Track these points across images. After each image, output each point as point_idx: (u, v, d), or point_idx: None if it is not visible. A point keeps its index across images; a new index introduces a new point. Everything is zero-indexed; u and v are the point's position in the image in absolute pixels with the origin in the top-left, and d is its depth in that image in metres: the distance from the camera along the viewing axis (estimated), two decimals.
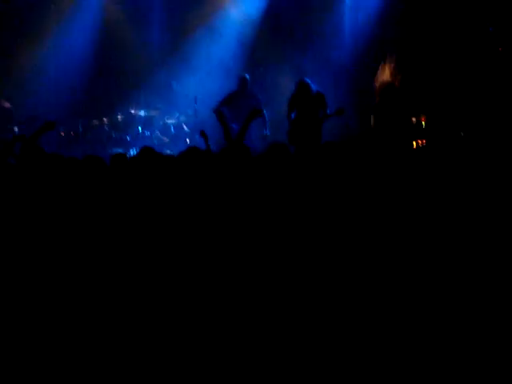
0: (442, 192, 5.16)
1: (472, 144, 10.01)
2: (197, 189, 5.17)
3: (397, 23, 12.67)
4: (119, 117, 12.63)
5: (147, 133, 12.30)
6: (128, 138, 12.14)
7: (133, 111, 12.54)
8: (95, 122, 12.56)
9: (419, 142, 10.36)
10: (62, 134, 12.68)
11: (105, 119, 12.59)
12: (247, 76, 11.11)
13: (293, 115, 10.32)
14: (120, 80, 13.57)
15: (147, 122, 12.53)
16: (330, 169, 5.60)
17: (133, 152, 11.49)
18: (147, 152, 5.87)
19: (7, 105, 11.05)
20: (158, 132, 12.49)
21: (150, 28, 13.74)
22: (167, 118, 12.66)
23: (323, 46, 13.01)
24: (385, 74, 10.32)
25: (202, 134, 8.20)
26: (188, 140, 12.17)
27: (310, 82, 10.14)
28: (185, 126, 12.50)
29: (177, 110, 12.65)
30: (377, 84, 10.35)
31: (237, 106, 10.81)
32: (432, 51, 12.29)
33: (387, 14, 12.83)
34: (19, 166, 5.73)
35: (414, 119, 10.55)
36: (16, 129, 10.91)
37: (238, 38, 13.51)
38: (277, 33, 13.48)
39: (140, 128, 12.31)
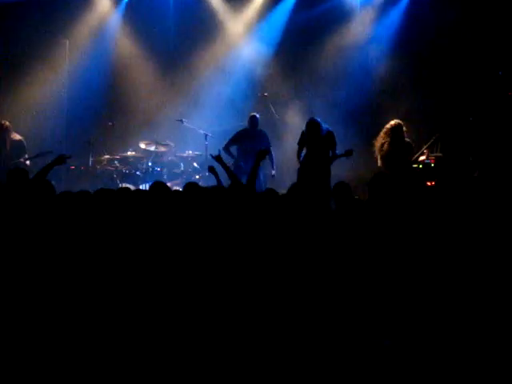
0: (451, 229, 5.20)
1: (482, 185, 10.05)
2: (201, 221, 5.25)
3: (411, 61, 12.82)
4: (130, 152, 12.70)
5: (157, 168, 12.34)
6: (138, 173, 12.18)
7: (143, 147, 12.61)
8: (106, 156, 12.63)
9: (428, 183, 10.40)
10: (72, 167, 12.75)
11: (115, 154, 12.66)
12: (257, 115, 11.19)
13: (302, 154, 10.34)
14: (131, 116, 13.71)
15: (157, 158, 12.59)
16: (342, 209, 5.65)
17: (143, 187, 11.53)
18: (158, 187, 5.94)
19: (19, 137, 11.12)
20: (167, 168, 12.54)
21: (162, 65, 13.91)
22: (177, 154, 12.74)
23: (333, 86, 13.12)
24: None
25: (211, 170, 8.30)
26: (198, 176, 12.22)
27: (320, 121, 10.14)
28: (195, 163, 12.56)
29: (187, 147, 12.72)
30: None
31: (246, 144, 10.91)
32: (443, 94, 12.40)
33: (398, 58, 12.97)
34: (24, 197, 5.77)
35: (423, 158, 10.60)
36: (28, 163, 10.96)
37: (248, 77, 13.67)
38: (287, 71, 13.63)
39: (150, 163, 12.36)
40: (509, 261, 4.80)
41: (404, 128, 10.34)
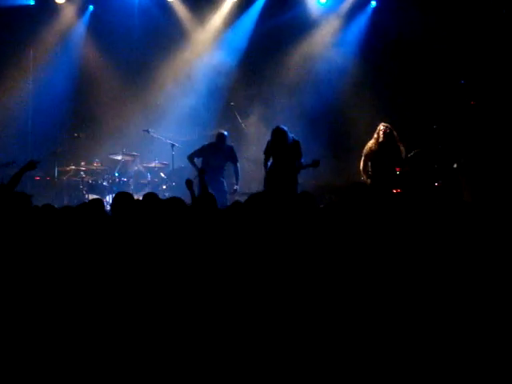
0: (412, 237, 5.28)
1: (445, 193, 10.18)
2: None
3: (375, 69, 12.94)
4: (96, 163, 12.62)
5: (123, 179, 12.27)
6: (105, 183, 12.09)
7: (109, 157, 12.54)
8: (72, 167, 12.53)
9: (394, 191, 10.49)
10: (37, 178, 12.63)
11: (81, 164, 12.57)
12: (225, 133, 11.09)
13: (269, 163, 10.29)
14: (97, 126, 13.64)
15: (124, 168, 12.53)
16: (307, 220, 5.68)
17: (109, 198, 11.44)
18: (150, 197, 5.94)
19: None
20: (133, 178, 12.50)
21: (128, 74, 13.84)
22: (144, 164, 12.70)
23: (299, 94, 13.21)
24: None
25: (188, 183, 8.28)
26: (164, 186, 12.18)
27: (286, 129, 10.10)
28: (161, 173, 12.53)
29: (153, 157, 12.66)
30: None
31: (211, 159, 10.84)
32: (407, 102, 12.54)
33: (363, 66, 13.10)
34: None
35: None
36: None
37: (214, 86, 13.68)
38: (253, 80, 13.68)
39: (117, 173, 12.29)
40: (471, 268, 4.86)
41: (395, 132, 10.29)
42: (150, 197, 5.98)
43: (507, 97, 11.51)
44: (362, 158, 10.34)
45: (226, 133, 11.11)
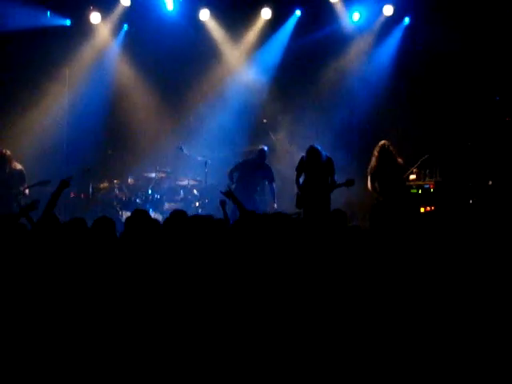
0: (449, 254, 5.23)
1: (480, 211, 10.07)
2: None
3: (408, 86, 12.91)
4: (130, 179, 12.73)
5: (157, 195, 12.35)
6: (138, 200, 12.18)
7: (143, 174, 12.65)
8: (105, 184, 12.64)
9: (427, 208, 10.41)
10: (72, 194, 12.76)
11: (115, 181, 12.68)
12: (265, 148, 11.27)
13: (301, 180, 10.32)
14: (131, 143, 13.76)
15: (157, 185, 12.62)
16: (337, 236, 5.66)
17: None
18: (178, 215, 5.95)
19: (19, 167, 11.06)
20: (167, 195, 12.56)
21: (161, 93, 13.95)
22: (177, 182, 12.77)
23: (331, 111, 13.21)
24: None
25: (222, 204, 8.28)
26: (197, 203, 12.23)
27: (320, 148, 10.16)
28: (195, 190, 12.59)
29: (187, 174, 12.74)
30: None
31: (248, 173, 10.94)
32: (441, 118, 12.46)
33: (395, 82, 13.07)
34: (35, 233, 5.77)
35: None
36: (27, 191, 10.87)
37: (247, 103, 13.76)
38: (286, 97, 13.70)
39: (150, 190, 12.37)
40: (504, 286, 4.82)
41: (391, 148, 10.32)
42: (179, 215, 5.96)
43: None
44: (369, 178, 10.37)
45: (266, 148, 11.20)
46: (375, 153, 10.37)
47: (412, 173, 10.85)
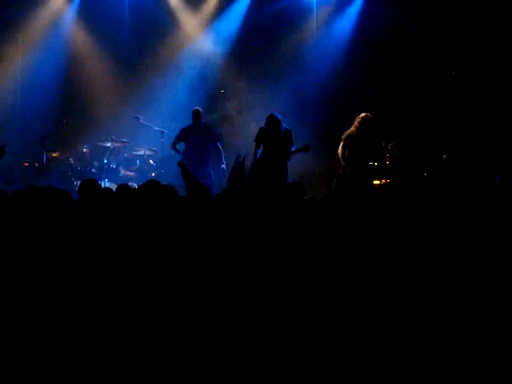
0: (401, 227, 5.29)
1: (435, 184, 10.21)
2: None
3: (366, 58, 12.98)
4: (85, 148, 12.57)
5: (112, 165, 12.22)
6: (93, 170, 12.04)
7: (99, 143, 12.49)
8: (60, 153, 12.47)
9: (382, 181, 10.50)
10: (26, 164, 12.56)
11: (70, 151, 12.52)
12: (200, 109, 11.02)
13: (259, 151, 10.24)
14: (86, 112, 13.55)
15: (112, 155, 12.47)
16: (295, 209, 5.68)
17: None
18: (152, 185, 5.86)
19: None
20: (122, 165, 12.44)
21: (118, 61, 13.77)
22: (133, 151, 12.65)
23: (289, 82, 13.19)
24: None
25: (181, 164, 8.17)
26: (153, 173, 12.15)
27: (280, 118, 10.08)
28: (151, 160, 12.49)
29: (143, 144, 12.62)
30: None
31: (191, 140, 10.78)
32: (397, 92, 12.56)
33: (356, 50, 13.14)
34: None
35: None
36: None
37: (204, 74, 13.68)
38: (243, 68, 13.64)
39: (106, 160, 12.23)
40: (456, 258, 4.89)
41: (373, 122, 10.18)
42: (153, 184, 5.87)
43: (498, 88, 11.54)
44: (341, 144, 10.19)
45: (199, 109, 10.99)
46: (356, 123, 10.16)
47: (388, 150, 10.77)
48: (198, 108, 10.97)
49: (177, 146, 10.95)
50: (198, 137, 10.73)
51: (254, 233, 5.14)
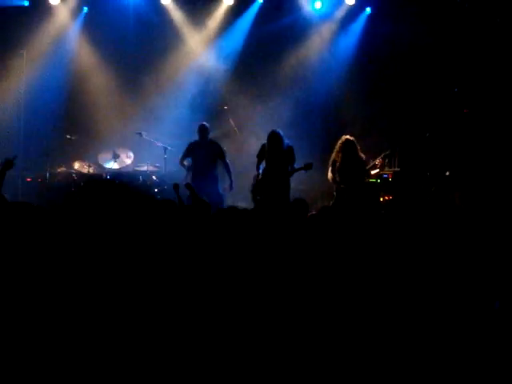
0: (407, 242, 5.28)
1: (438, 200, 10.19)
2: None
3: (369, 75, 12.99)
4: (88, 164, 12.56)
5: (115, 181, 12.18)
6: None
7: (101, 159, 12.48)
8: (63, 169, 12.46)
9: (386, 197, 10.50)
10: (29, 180, 12.55)
11: (73, 166, 12.52)
12: (206, 124, 11.01)
13: (261, 167, 10.25)
14: (90, 128, 13.55)
15: (115, 170, 12.47)
16: (299, 226, 5.67)
17: None
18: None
19: None
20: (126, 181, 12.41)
21: (121, 77, 13.79)
22: (136, 168, 12.63)
23: (292, 99, 13.21)
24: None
25: (175, 187, 8.24)
26: (156, 190, 12.12)
27: (282, 134, 10.07)
28: (153, 176, 12.47)
29: (146, 160, 12.60)
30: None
31: (197, 155, 10.76)
32: (400, 109, 12.57)
33: (359, 66, 13.16)
34: None
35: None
36: None
37: (208, 90, 13.69)
38: (247, 84, 13.65)
39: (108, 176, 12.22)
40: (463, 274, 4.87)
41: (356, 144, 10.24)
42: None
43: (501, 105, 11.55)
44: (329, 169, 10.30)
45: (206, 124, 10.97)
46: (337, 147, 10.25)
47: (374, 167, 10.81)
48: (204, 123, 10.97)
49: (184, 162, 10.95)
50: (205, 152, 10.71)
51: (258, 249, 5.14)
